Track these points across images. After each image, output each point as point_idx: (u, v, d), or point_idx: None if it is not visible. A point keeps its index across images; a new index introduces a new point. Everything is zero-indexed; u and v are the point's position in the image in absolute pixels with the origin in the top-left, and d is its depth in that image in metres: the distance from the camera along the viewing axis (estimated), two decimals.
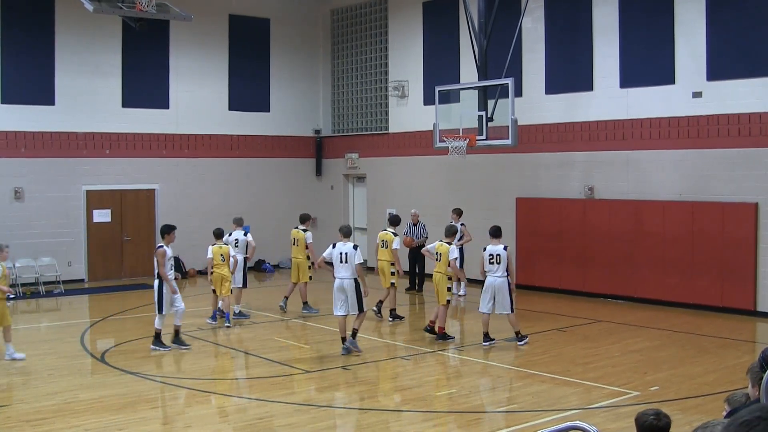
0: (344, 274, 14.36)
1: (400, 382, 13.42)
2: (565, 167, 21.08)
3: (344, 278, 14.35)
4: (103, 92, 24.13)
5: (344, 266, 14.35)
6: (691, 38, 18.63)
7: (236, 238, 18.45)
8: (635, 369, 13.34)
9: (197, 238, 23.80)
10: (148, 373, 13.38)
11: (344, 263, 14.35)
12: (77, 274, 23.73)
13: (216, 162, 26.14)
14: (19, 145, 22.89)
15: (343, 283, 14.36)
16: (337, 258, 14.42)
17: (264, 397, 11.85)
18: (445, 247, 15.57)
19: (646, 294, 19.37)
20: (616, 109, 19.98)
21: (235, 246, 18.14)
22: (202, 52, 25.85)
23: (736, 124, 17.96)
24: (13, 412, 11.16)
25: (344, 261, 14.35)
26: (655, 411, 5.45)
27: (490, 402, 12.32)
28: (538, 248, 21.09)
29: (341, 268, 14.37)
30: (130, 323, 18.01)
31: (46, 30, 23.24)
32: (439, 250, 15.66)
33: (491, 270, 15.07)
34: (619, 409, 10.64)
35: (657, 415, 5.37)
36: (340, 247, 14.49)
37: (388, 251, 17.74)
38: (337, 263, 14.42)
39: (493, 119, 18.78)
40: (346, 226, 15.50)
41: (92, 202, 24.09)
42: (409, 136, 25.04)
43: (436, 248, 15.75)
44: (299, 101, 28.05)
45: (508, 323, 15.30)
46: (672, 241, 18.90)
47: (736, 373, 12.92)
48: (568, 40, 20.99)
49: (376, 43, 26.55)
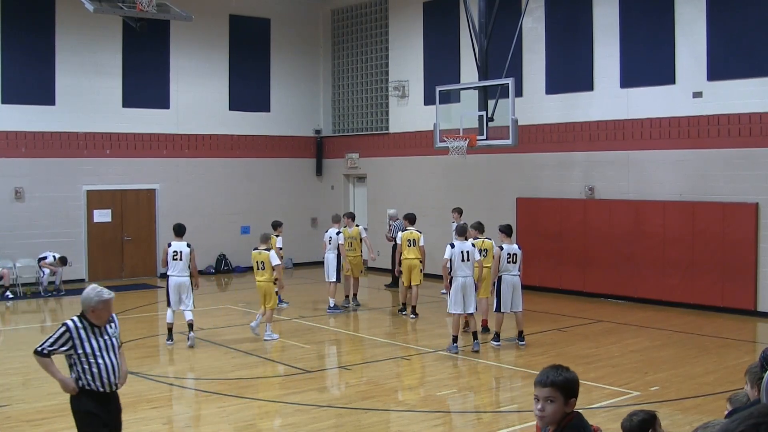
0: (467, 273, 14.67)
1: (400, 381, 13.41)
2: (565, 167, 21.08)
3: (467, 276, 14.68)
4: (103, 92, 24.14)
5: (466, 264, 14.65)
6: (691, 38, 18.63)
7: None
8: (636, 369, 13.34)
9: (197, 238, 23.80)
10: (148, 372, 13.37)
11: (466, 261, 14.65)
12: (78, 274, 23.71)
13: (216, 162, 26.14)
14: (19, 145, 22.89)
15: (466, 281, 14.65)
16: (458, 257, 14.64)
17: (264, 397, 11.84)
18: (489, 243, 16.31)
19: (646, 294, 19.37)
20: (617, 109, 19.98)
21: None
22: (202, 52, 25.86)
23: (737, 124, 17.95)
24: (14, 412, 11.16)
25: (466, 260, 14.65)
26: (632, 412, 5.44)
27: (491, 402, 12.31)
28: (539, 248, 21.07)
29: (464, 267, 14.64)
30: (130, 323, 17.99)
31: (46, 30, 23.24)
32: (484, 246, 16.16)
33: (508, 269, 15.06)
34: (620, 409, 10.62)
35: (630, 416, 5.36)
36: (461, 246, 14.74)
37: (417, 249, 18.30)
38: (458, 262, 14.61)
39: (493, 119, 18.77)
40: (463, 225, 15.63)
41: (93, 202, 24.10)
42: (410, 136, 25.04)
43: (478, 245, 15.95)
44: (300, 101, 28.05)
45: (500, 322, 15.32)
46: (672, 241, 18.90)
47: (736, 373, 12.91)
48: (569, 40, 20.99)
49: (376, 43, 26.55)
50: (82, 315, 7.42)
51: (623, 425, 5.25)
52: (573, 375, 4.59)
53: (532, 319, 17.02)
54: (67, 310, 20.45)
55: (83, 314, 7.42)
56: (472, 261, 14.73)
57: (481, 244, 16.06)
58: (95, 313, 7.42)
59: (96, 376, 7.39)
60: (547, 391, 4.50)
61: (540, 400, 4.52)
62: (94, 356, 7.35)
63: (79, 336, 7.32)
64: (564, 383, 4.51)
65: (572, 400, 4.54)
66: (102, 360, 7.40)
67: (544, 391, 4.51)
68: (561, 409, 4.50)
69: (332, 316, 18.67)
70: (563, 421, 4.51)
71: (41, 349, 7.34)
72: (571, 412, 4.54)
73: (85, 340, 7.34)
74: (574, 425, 4.53)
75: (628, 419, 5.30)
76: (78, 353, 7.33)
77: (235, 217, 26.39)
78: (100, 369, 7.39)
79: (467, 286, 14.66)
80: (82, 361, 7.34)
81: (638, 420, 5.25)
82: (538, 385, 4.55)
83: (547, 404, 4.49)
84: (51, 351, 7.34)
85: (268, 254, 15.76)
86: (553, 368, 4.59)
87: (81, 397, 7.44)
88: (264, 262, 15.77)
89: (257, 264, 15.90)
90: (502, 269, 15.06)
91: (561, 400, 4.49)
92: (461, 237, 14.95)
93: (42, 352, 7.35)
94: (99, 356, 7.38)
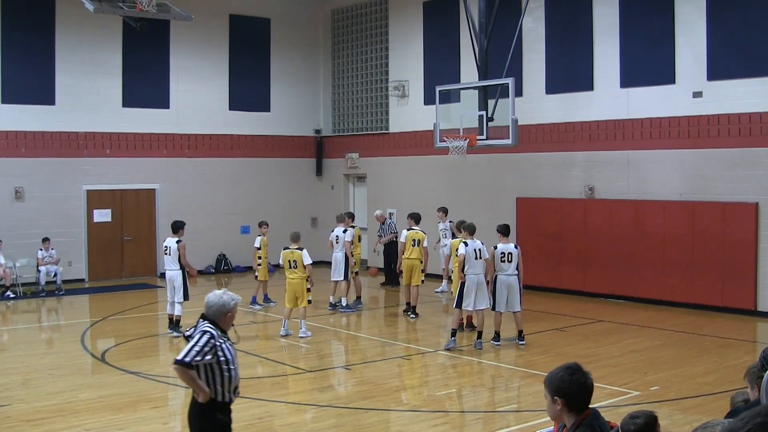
0: (479, 270, 14.86)
1: (400, 381, 13.41)
2: (565, 167, 21.08)
3: (479, 274, 14.87)
4: (103, 92, 24.13)
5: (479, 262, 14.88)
6: (691, 38, 18.63)
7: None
8: (636, 369, 13.34)
9: (198, 237, 23.85)
10: (148, 372, 13.37)
11: (479, 260, 14.87)
12: (78, 274, 23.73)
13: (216, 162, 26.14)
14: (19, 145, 22.89)
15: (478, 278, 14.84)
16: (472, 255, 14.80)
17: (264, 397, 11.84)
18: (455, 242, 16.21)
19: (646, 294, 19.37)
20: (617, 108, 19.98)
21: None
22: (202, 52, 25.86)
23: (737, 123, 17.95)
24: (14, 411, 11.15)
25: (479, 257, 14.86)
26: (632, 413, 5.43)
27: (491, 402, 12.31)
28: (539, 248, 21.06)
29: (477, 265, 14.86)
30: (130, 323, 18.01)
31: (46, 30, 23.23)
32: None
33: (503, 268, 15.08)
34: (620, 409, 10.61)
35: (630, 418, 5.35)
36: (473, 245, 14.92)
37: (419, 249, 18.36)
38: (471, 260, 14.80)
39: (493, 119, 18.77)
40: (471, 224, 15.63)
41: (93, 202, 24.09)
42: (410, 136, 25.04)
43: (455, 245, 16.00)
44: (300, 101, 28.04)
45: (499, 322, 15.35)
46: (672, 241, 18.90)
47: (736, 373, 12.90)
48: (569, 40, 20.99)
49: (376, 43, 26.55)
50: (211, 321, 6.99)
51: (623, 427, 5.24)
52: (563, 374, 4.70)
53: (532, 319, 17.02)
54: (68, 309, 20.47)
55: (212, 320, 6.99)
56: (483, 259, 14.89)
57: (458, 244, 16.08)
58: (228, 318, 7.06)
59: (228, 385, 7.00)
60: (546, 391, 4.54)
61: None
62: (227, 363, 6.94)
63: (219, 343, 6.90)
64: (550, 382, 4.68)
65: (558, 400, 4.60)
66: (234, 367, 7.03)
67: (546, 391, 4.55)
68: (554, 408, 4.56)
69: (331, 314, 18.67)
70: (578, 419, 4.55)
71: (189, 361, 6.75)
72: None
73: (226, 348, 6.95)
74: (588, 423, 4.57)
75: (629, 422, 5.28)
76: (220, 361, 6.90)
77: (235, 216, 26.38)
78: (232, 377, 7.01)
79: (480, 284, 14.88)
80: (222, 369, 6.92)
81: (641, 423, 5.23)
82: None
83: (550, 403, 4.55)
84: (198, 361, 6.80)
85: (300, 253, 15.88)
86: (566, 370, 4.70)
87: (214, 410, 6.99)
88: (297, 260, 15.87)
89: (289, 263, 15.97)
90: (497, 269, 15.08)
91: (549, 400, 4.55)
92: (471, 236, 15.12)
93: (190, 363, 6.76)
94: (233, 363, 7.01)
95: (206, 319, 7.01)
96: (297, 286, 15.89)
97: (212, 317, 6.99)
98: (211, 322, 6.97)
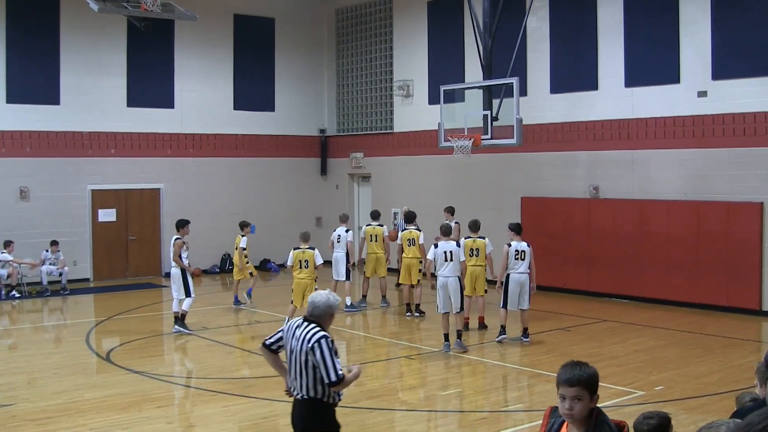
0: (448, 273, 14.54)
1: (405, 381, 13.41)
2: (569, 167, 21.07)
3: (448, 276, 14.54)
4: (108, 92, 24.15)
5: (449, 264, 14.56)
6: (696, 37, 18.61)
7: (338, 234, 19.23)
8: (640, 369, 13.33)
9: (202, 237, 23.86)
10: (153, 372, 13.39)
11: (449, 262, 14.55)
12: (82, 274, 23.76)
13: (221, 161, 26.16)
14: (24, 144, 22.92)
15: (447, 281, 14.54)
16: (441, 257, 14.57)
17: (269, 397, 11.85)
18: (481, 242, 16.15)
19: (651, 293, 19.35)
20: (621, 108, 19.96)
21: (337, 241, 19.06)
22: (207, 51, 25.88)
23: (741, 123, 17.93)
24: (19, 411, 11.17)
25: (449, 259, 14.54)
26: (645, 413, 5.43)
27: (496, 401, 12.30)
28: (543, 248, 21.00)
29: (447, 267, 14.56)
30: (135, 322, 18.03)
31: (51, 30, 23.26)
32: (476, 245, 16.09)
33: (516, 266, 15.08)
34: (624, 409, 10.62)
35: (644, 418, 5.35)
36: (443, 246, 14.65)
37: (416, 248, 18.31)
38: (440, 262, 14.56)
39: (497, 119, 18.80)
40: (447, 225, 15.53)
41: (97, 202, 24.12)
42: (414, 136, 25.04)
43: (468, 245, 16.04)
44: (304, 101, 28.06)
45: (505, 317, 15.39)
46: (677, 241, 18.88)
47: (741, 372, 12.92)
48: (573, 40, 20.97)
49: (380, 42, 26.56)
50: (316, 322, 6.94)
51: (637, 427, 5.25)
52: (594, 370, 4.60)
53: (536, 319, 17.02)
54: (72, 309, 20.48)
55: (318, 321, 6.94)
56: (456, 261, 14.57)
57: (472, 243, 16.12)
58: (331, 319, 7.05)
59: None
60: (575, 390, 4.49)
61: (567, 399, 4.51)
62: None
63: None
64: (589, 380, 4.52)
65: (596, 396, 4.56)
66: None
67: (572, 390, 4.50)
68: (587, 405, 4.52)
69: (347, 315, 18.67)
70: (592, 418, 4.53)
71: (341, 374, 6.77)
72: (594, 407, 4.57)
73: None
74: (605, 420, 4.56)
75: (642, 422, 5.28)
76: None
77: (240, 216, 26.28)
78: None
79: (448, 286, 14.54)
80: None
81: (654, 424, 5.24)
82: (564, 384, 4.53)
83: (575, 403, 4.49)
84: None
85: (312, 252, 16.11)
86: (576, 366, 4.58)
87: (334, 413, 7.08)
88: (309, 260, 16.06)
89: (300, 262, 16.13)
90: (510, 267, 15.09)
91: (587, 398, 4.51)
92: (446, 237, 14.96)
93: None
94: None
95: (311, 321, 6.96)
96: (306, 286, 15.97)
97: (318, 318, 6.97)
98: (317, 323, 6.94)
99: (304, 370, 6.86)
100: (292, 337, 6.96)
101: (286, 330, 7.08)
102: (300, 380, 6.91)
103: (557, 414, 4.70)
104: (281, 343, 7.14)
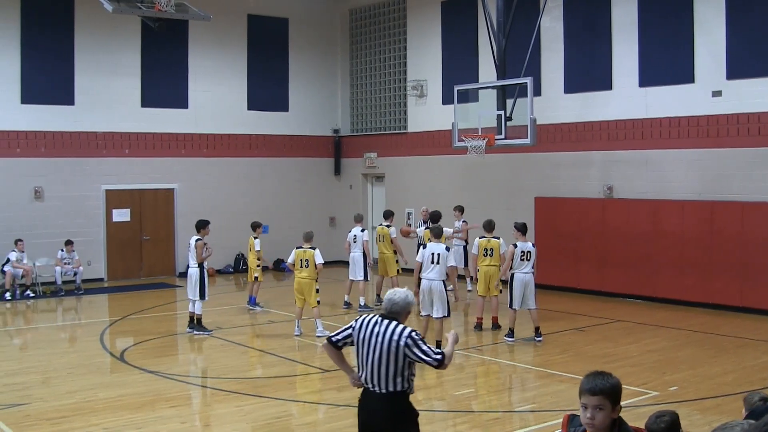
0: (433, 276, 14.30)
1: (418, 381, 13.38)
2: (583, 167, 21.02)
3: (432, 280, 14.30)
4: (122, 92, 24.24)
5: (434, 267, 14.25)
6: (710, 37, 18.54)
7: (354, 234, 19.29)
8: (654, 369, 13.29)
9: (216, 237, 23.85)
10: (167, 372, 13.42)
11: (435, 264, 14.25)
12: (97, 274, 23.85)
13: (235, 161, 26.21)
14: (38, 144, 23.02)
15: (431, 284, 14.31)
16: (428, 259, 14.33)
17: (282, 396, 11.87)
18: (496, 242, 16.26)
19: (664, 294, 19.29)
20: (635, 108, 19.91)
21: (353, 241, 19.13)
22: (220, 51, 25.93)
23: (756, 123, 17.85)
24: (33, 410, 11.21)
25: (435, 262, 14.26)
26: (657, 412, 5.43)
27: (509, 402, 12.29)
28: (557, 248, 21.03)
29: (432, 270, 14.28)
30: (149, 322, 18.08)
31: (65, 30, 23.35)
32: (490, 245, 16.21)
33: (521, 266, 15.09)
34: (639, 409, 10.58)
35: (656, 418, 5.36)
36: (432, 248, 14.41)
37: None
38: (427, 264, 14.32)
39: (511, 118, 18.78)
40: (438, 227, 15.30)
41: (111, 202, 24.21)
42: (428, 136, 25.03)
43: (483, 245, 16.17)
44: (318, 101, 28.08)
45: (513, 318, 15.42)
46: (691, 241, 18.81)
47: (755, 373, 12.88)
48: (587, 39, 20.92)
49: (394, 42, 26.56)
50: (395, 318, 7.02)
51: (649, 427, 5.24)
52: (617, 380, 4.59)
53: (550, 319, 16.99)
54: (87, 309, 20.56)
55: (395, 318, 7.02)
56: (443, 264, 14.27)
57: (487, 243, 16.20)
58: (407, 315, 7.15)
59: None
60: (597, 399, 4.47)
61: (589, 408, 4.49)
62: None
63: None
64: (611, 390, 4.51)
65: (618, 406, 4.54)
66: None
67: (594, 399, 4.48)
68: (609, 415, 4.49)
69: (346, 313, 18.67)
70: (614, 428, 4.51)
71: (441, 355, 6.93)
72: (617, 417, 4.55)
73: None
74: (627, 431, 4.55)
75: (655, 421, 5.28)
76: None
77: (253, 216, 26.31)
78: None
79: (432, 290, 14.29)
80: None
81: (668, 421, 5.25)
82: (587, 393, 4.51)
83: (597, 412, 4.47)
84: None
85: (313, 252, 15.92)
86: (600, 375, 4.58)
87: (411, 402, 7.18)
88: (309, 259, 15.91)
89: (301, 261, 16.00)
90: (515, 267, 15.08)
91: (609, 407, 4.49)
92: (436, 239, 14.73)
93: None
94: None
95: (391, 318, 7.01)
96: (305, 286, 15.94)
97: (396, 315, 7.04)
98: (396, 320, 7.01)
99: (385, 365, 6.88)
100: (370, 334, 6.97)
101: (358, 327, 7.06)
102: (379, 375, 6.92)
103: (577, 422, 4.69)
104: (348, 340, 7.14)
